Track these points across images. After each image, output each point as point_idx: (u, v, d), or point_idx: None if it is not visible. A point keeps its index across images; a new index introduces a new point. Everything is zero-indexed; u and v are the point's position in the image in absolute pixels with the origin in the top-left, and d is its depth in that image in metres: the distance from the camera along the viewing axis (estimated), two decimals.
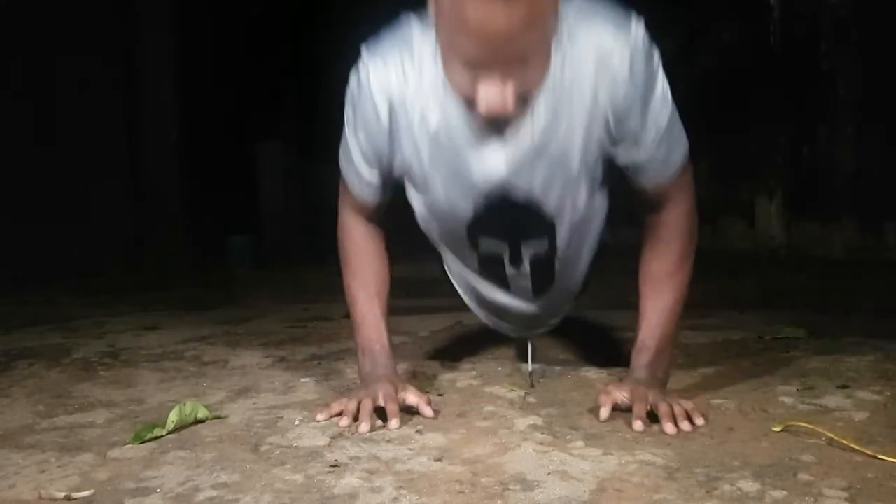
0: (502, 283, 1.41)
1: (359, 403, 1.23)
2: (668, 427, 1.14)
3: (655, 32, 1.16)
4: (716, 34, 5.18)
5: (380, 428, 1.21)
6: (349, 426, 1.20)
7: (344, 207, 1.37)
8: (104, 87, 4.86)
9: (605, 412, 1.21)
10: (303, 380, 1.57)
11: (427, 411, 1.25)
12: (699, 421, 1.18)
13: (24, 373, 1.74)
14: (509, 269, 1.36)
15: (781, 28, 4.65)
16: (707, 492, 0.91)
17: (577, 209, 1.26)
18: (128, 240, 4.96)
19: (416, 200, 1.31)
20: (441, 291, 2.35)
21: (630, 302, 1.35)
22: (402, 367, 1.65)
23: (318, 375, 1.61)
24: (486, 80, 1.04)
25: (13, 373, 1.74)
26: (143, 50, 5.01)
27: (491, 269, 1.38)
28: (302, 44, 6.25)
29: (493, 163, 1.19)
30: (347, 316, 2.45)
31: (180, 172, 5.07)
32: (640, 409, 1.18)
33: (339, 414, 1.24)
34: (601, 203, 1.29)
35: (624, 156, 1.20)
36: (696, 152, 1.26)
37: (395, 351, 1.36)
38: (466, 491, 0.94)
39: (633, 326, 1.32)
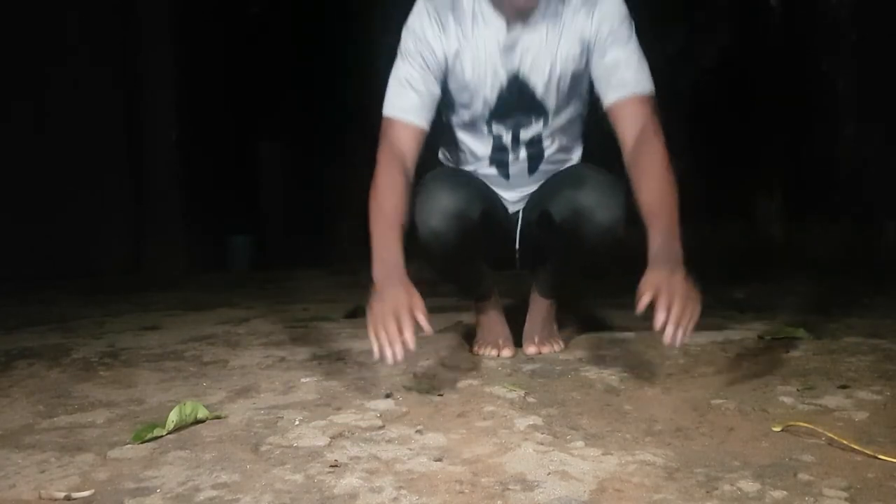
0: (503, 168, 1.74)
1: (385, 328, 1.32)
2: (668, 337, 1.23)
3: (657, 33, 1.18)
4: (716, 34, 5.18)
5: (380, 428, 1.21)
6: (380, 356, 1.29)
7: (380, 159, 1.55)
8: (104, 87, 4.85)
9: (643, 303, 1.28)
10: (303, 380, 1.57)
11: (424, 324, 1.33)
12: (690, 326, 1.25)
13: (24, 373, 1.74)
14: (511, 155, 1.72)
15: (781, 28, 4.65)
16: (707, 492, 0.91)
17: (563, 100, 1.66)
18: (128, 240, 4.96)
19: (454, 89, 1.66)
20: (441, 291, 2.36)
21: (630, 302, 1.36)
22: (402, 367, 1.65)
23: (318, 375, 1.61)
24: None
25: (13, 373, 1.74)
26: (143, 50, 5.01)
27: (497, 153, 1.73)
28: (303, 44, 6.25)
29: (515, 59, 1.62)
30: (347, 316, 2.47)
31: (180, 172, 5.07)
32: (673, 317, 1.25)
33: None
34: (578, 106, 1.71)
35: (597, 64, 1.59)
36: (696, 152, 1.28)
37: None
38: (466, 491, 0.94)
39: (633, 327, 1.33)
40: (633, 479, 0.96)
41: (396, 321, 1.32)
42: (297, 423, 1.25)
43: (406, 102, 1.58)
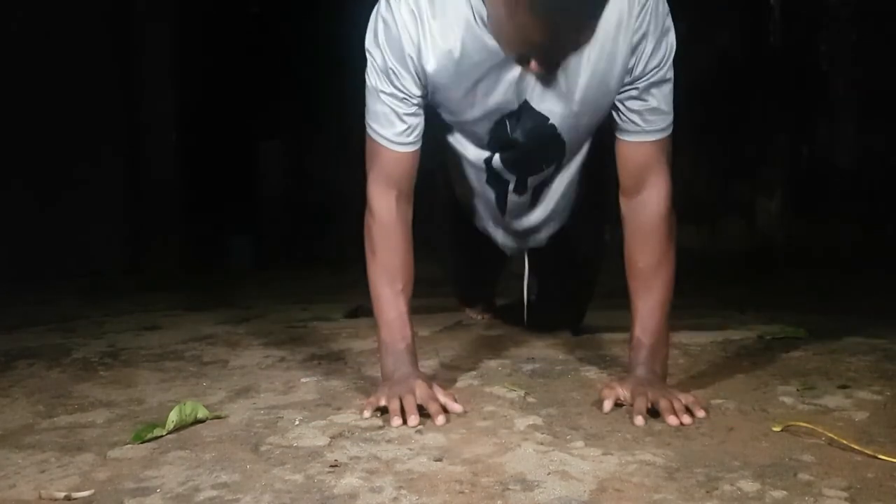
0: (502, 202, 1.59)
1: (400, 400, 1.25)
2: (671, 419, 1.18)
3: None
4: (715, 34, 5.18)
5: (380, 428, 1.21)
6: (398, 425, 1.20)
7: (373, 185, 1.38)
8: (104, 87, 4.86)
9: (608, 405, 1.26)
10: (303, 380, 1.57)
11: (456, 408, 1.26)
12: (700, 413, 1.21)
13: (24, 373, 1.74)
14: (511, 196, 1.56)
15: (781, 28, 4.65)
16: (707, 492, 0.91)
17: (582, 145, 1.48)
18: (127, 240, 4.96)
19: (446, 118, 1.41)
20: (442, 291, 2.36)
21: (628, 303, 1.36)
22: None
23: (318, 375, 1.61)
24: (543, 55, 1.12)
25: (13, 373, 1.74)
26: (143, 49, 5.01)
27: (496, 190, 1.57)
28: (303, 43, 6.25)
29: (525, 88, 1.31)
30: (347, 316, 2.47)
31: (180, 172, 5.07)
32: (640, 405, 1.22)
33: (384, 410, 1.26)
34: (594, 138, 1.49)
35: (623, 99, 1.32)
36: (696, 152, 1.28)
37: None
38: (466, 491, 0.94)
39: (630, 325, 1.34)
40: (633, 479, 0.96)
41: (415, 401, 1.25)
42: (297, 423, 1.25)
43: (392, 131, 1.33)
